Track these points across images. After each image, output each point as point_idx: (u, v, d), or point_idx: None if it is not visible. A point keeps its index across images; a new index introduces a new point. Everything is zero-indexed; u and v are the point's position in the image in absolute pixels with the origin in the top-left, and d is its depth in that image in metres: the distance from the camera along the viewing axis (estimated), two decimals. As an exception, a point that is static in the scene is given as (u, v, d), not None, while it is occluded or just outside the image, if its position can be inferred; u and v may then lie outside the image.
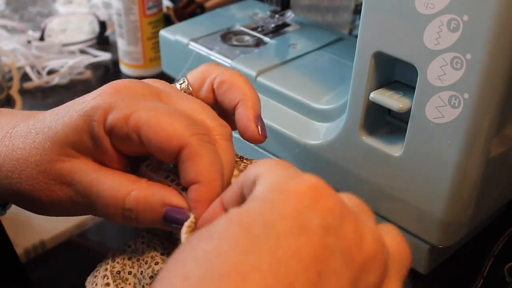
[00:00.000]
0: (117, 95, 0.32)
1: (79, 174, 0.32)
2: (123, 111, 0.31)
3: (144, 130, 0.30)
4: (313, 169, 0.48)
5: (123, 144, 0.32)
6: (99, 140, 0.31)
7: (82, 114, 0.32)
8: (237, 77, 0.37)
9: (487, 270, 0.44)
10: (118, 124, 0.31)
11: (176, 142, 0.30)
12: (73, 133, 0.32)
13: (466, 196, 0.39)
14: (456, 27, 0.34)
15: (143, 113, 0.31)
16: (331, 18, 0.74)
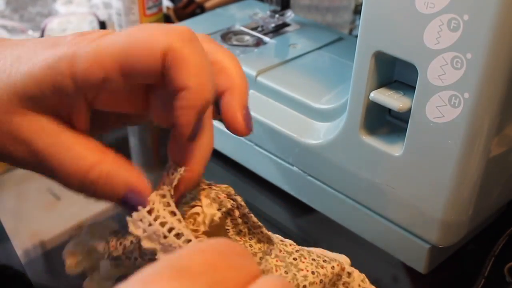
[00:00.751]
0: (81, 37, 0.28)
1: (38, 134, 0.29)
2: (90, 55, 0.27)
3: (123, 58, 0.27)
4: (313, 169, 0.48)
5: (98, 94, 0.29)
6: (66, 97, 0.28)
7: (44, 66, 0.28)
8: (228, 60, 0.33)
9: (488, 270, 0.44)
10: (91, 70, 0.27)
11: (158, 49, 0.27)
12: (33, 86, 0.28)
13: (466, 196, 0.39)
14: (456, 26, 0.34)
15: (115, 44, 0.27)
16: (331, 18, 0.74)
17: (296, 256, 0.33)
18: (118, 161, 0.30)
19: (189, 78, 0.27)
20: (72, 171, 0.29)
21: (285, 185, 0.51)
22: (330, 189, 0.47)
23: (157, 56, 0.27)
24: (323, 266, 0.33)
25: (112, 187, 0.29)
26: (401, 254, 0.44)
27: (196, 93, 0.27)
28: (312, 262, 0.33)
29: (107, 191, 0.29)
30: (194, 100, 0.28)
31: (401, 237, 0.43)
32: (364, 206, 0.45)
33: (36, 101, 0.29)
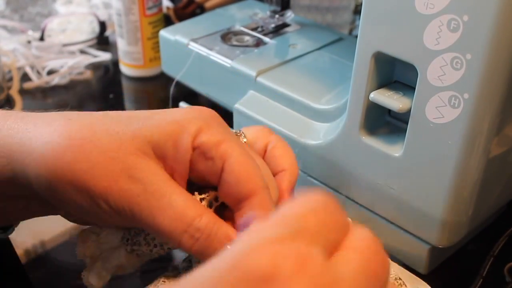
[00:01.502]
0: (211, 119, 0.33)
1: (153, 176, 0.31)
2: (217, 136, 0.32)
3: (230, 161, 0.31)
4: (313, 169, 0.48)
5: (202, 165, 0.32)
6: (183, 152, 0.32)
7: (174, 120, 0.32)
8: (287, 149, 0.38)
9: (487, 270, 0.44)
10: (209, 145, 0.32)
11: (252, 187, 0.31)
12: (159, 136, 0.32)
13: (466, 196, 0.39)
14: (456, 27, 0.34)
15: (235, 146, 0.32)
16: (331, 18, 0.74)
17: None
18: (218, 217, 0.32)
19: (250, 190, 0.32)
20: (179, 215, 0.31)
21: (285, 185, 0.51)
22: (330, 189, 0.47)
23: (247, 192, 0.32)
24: None
25: (216, 238, 0.31)
26: (401, 254, 0.44)
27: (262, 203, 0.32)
28: None
29: (211, 242, 0.31)
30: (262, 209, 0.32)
31: (401, 238, 0.43)
32: (364, 206, 0.45)
33: (157, 147, 0.32)
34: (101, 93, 0.71)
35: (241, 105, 0.52)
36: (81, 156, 0.31)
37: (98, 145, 0.31)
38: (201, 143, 0.32)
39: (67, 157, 0.31)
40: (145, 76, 0.72)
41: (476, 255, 0.46)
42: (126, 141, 0.31)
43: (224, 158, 0.32)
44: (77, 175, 0.30)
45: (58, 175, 0.31)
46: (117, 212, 0.31)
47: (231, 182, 0.31)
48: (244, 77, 0.52)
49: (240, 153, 0.32)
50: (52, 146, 0.31)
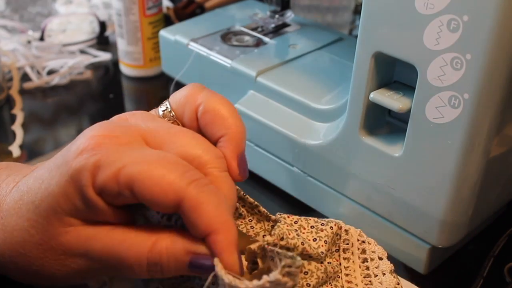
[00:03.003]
0: (99, 150, 0.30)
1: (89, 242, 0.30)
2: (110, 169, 0.29)
3: (136, 186, 0.28)
4: (313, 169, 0.48)
5: (117, 201, 0.30)
6: (92, 203, 0.29)
7: (68, 179, 0.30)
8: (222, 107, 0.34)
9: (487, 270, 0.44)
10: (108, 184, 0.29)
11: (172, 196, 0.28)
12: (65, 201, 0.30)
13: (466, 196, 0.39)
14: (456, 27, 0.34)
15: (132, 168, 0.29)
16: (331, 18, 0.74)
17: (296, 228, 0.36)
18: (170, 233, 0.30)
19: (212, 223, 0.29)
20: (134, 259, 0.30)
21: (285, 185, 0.51)
22: (330, 189, 0.47)
23: (173, 202, 0.29)
24: (322, 229, 0.36)
25: (175, 258, 0.30)
26: (401, 254, 0.44)
27: (223, 235, 0.29)
28: (311, 230, 0.36)
29: (172, 263, 0.30)
30: (225, 241, 0.29)
31: (401, 238, 0.43)
32: (364, 206, 0.45)
33: (72, 213, 0.30)
34: (101, 93, 0.71)
35: (241, 105, 0.52)
36: (28, 259, 0.31)
37: (33, 243, 0.31)
38: (99, 187, 0.29)
39: (20, 263, 0.32)
40: (145, 76, 0.72)
41: (476, 255, 0.46)
42: (48, 227, 0.30)
43: (129, 186, 0.29)
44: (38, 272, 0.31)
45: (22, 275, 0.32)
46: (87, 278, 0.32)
47: (151, 204, 0.29)
48: (244, 77, 0.52)
49: (140, 171, 0.28)
50: (5, 258, 0.32)
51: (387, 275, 0.36)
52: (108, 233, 0.30)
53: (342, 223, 0.37)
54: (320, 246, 0.35)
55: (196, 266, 0.29)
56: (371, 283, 0.36)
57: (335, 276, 0.36)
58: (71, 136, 0.63)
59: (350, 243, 0.37)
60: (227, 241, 0.29)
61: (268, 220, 0.35)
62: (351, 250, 0.37)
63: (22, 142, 0.61)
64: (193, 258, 0.29)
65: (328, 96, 0.48)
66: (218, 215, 0.29)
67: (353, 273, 0.36)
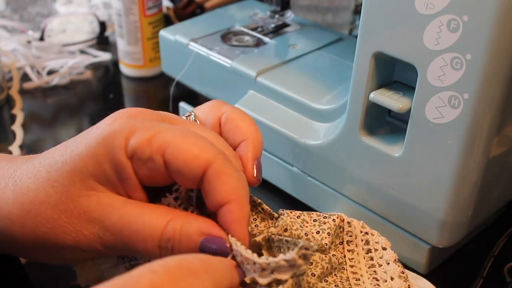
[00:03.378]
0: (134, 119, 0.31)
1: (108, 210, 0.30)
2: (145, 133, 0.30)
3: (169, 150, 0.30)
4: (313, 169, 0.48)
5: (146, 169, 0.30)
6: (122, 168, 0.30)
7: (100, 141, 0.30)
8: (244, 117, 0.36)
9: (487, 270, 0.44)
10: (142, 146, 0.30)
11: (202, 161, 0.29)
12: (93, 164, 0.30)
13: (466, 196, 0.39)
14: (456, 27, 0.34)
15: (167, 133, 0.30)
16: (331, 18, 0.74)
17: (299, 222, 0.36)
18: (187, 214, 0.31)
19: (232, 193, 0.30)
20: (147, 235, 0.30)
21: (285, 185, 0.51)
22: (330, 189, 0.47)
23: (201, 168, 0.30)
24: (324, 222, 0.36)
25: (188, 237, 0.30)
26: (401, 254, 0.44)
27: (239, 207, 0.30)
28: (314, 223, 0.36)
29: (183, 243, 0.30)
30: (239, 213, 0.30)
31: (401, 237, 0.43)
32: (364, 206, 0.45)
33: (97, 177, 0.30)
34: (101, 93, 0.71)
35: (241, 105, 0.52)
36: (39, 219, 0.31)
37: (48, 202, 0.31)
38: (133, 149, 0.30)
39: (28, 225, 0.31)
40: (145, 76, 0.72)
41: (476, 255, 0.46)
42: (69, 187, 0.31)
43: (161, 150, 0.30)
44: (44, 238, 0.31)
45: (28, 242, 0.32)
46: (95, 252, 0.32)
47: (180, 168, 0.30)
48: (244, 77, 0.52)
49: (174, 137, 0.30)
50: (12, 218, 0.32)
51: (391, 264, 0.36)
52: (127, 205, 0.31)
53: (344, 216, 0.38)
54: (324, 238, 0.35)
55: (206, 249, 0.30)
56: (375, 273, 0.36)
57: (340, 268, 0.36)
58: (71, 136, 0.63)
59: (354, 235, 0.37)
60: (241, 214, 0.30)
61: (271, 218, 0.35)
62: (355, 242, 0.37)
63: (22, 142, 0.61)
64: (205, 239, 0.30)
65: (328, 96, 0.48)
66: (238, 188, 0.30)
67: (357, 264, 0.36)
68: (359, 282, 0.35)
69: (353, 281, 0.35)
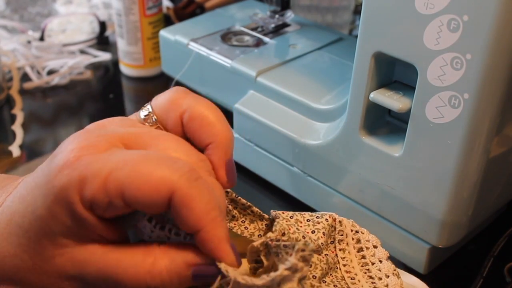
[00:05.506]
0: (80, 163, 0.28)
1: (84, 265, 0.29)
2: (96, 180, 0.28)
3: (127, 190, 0.27)
4: (313, 169, 0.48)
5: (108, 213, 0.28)
6: (83, 219, 0.28)
7: (54, 200, 0.28)
8: (209, 113, 0.33)
9: (487, 270, 0.44)
10: (97, 195, 0.28)
11: (164, 190, 0.27)
12: (55, 223, 0.29)
13: (466, 196, 0.39)
14: (456, 27, 0.34)
15: (118, 172, 0.27)
16: (331, 18, 0.74)
17: (293, 222, 0.36)
18: (166, 249, 0.30)
19: (202, 219, 0.28)
20: (133, 282, 0.29)
21: (285, 185, 0.51)
22: (330, 189, 0.47)
23: (165, 198, 0.28)
24: (318, 222, 0.36)
25: (177, 274, 0.29)
26: (401, 254, 0.44)
27: (212, 232, 0.28)
28: (308, 223, 0.36)
29: (176, 281, 0.29)
30: (216, 238, 0.28)
31: (401, 237, 0.43)
32: (364, 206, 0.45)
33: (63, 233, 0.29)
34: (101, 93, 0.71)
35: (241, 105, 0.52)
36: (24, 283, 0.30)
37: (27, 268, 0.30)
38: (89, 201, 0.28)
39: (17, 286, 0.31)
40: (145, 76, 0.72)
41: (476, 255, 0.46)
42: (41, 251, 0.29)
43: (119, 194, 0.28)
44: None
45: None
46: None
47: (143, 206, 0.28)
48: (244, 77, 0.52)
49: (129, 173, 0.27)
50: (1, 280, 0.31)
51: (384, 262, 0.36)
52: (103, 256, 0.29)
53: (335, 215, 0.37)
54: (319, 237, 0.35)
55: (200, 276, 0.29)
56: (369, 271, 0.36)
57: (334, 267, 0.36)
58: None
59: (345, 234, 0.37)
60: (217, 238, 0.28)
61: (261, 220, 0.35)
62: (346, 241, 0.37)
63: (22, 142, 0.61)
64: (195, 270, 0.29)
65: (328, 96, 0.48)
66: (207, 211, 0.28)
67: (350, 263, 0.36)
68: (354, 281, 0.35)
69: (348, 280, 0.35)
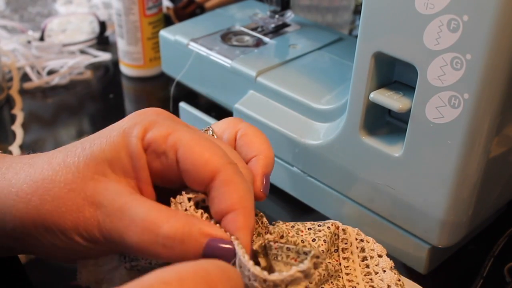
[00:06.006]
0: (157, 115, 0.33)
1: (113, 196, 0.31)
2: (163, 129, 0.31)
3: (182, 149, 0.31)
4: (313, 169, 0.48)
5: (159, 163, 0.31)
6: (136, 157, 0.31)
7: (121, 131, 0.32)
8: (258, 134, 0.37)
9: (487, 270, 0.44)
10: (157, 140, 0.31)
11: (212, 167, 0.30)
12: (110, 150, 0.31)
13: (466, 196, 0.39)
14: (456, 27, 0.34)
15: (184, 134, 0.31)
16: (331, 18, 0.74)
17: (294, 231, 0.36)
18: (189, 216, 0.30)
19: (239, 202, 0.30)
20: (145, 228, 0.29)
21: (285, 185, 0.51)
22: (330, 189, 0.47)
23: (209, 173, 0.30)
24: (320, 230, 0.36)
25: (190, 237, 0.29)
26: (401, 254, 0.44)
27: (244, 216, 0.30)
28: (309, 232, 0.36)
29: (186, 243, 0.29)
30: (245, 222, 0.30)
31: (401, 238, 0.43)
32: (364, 206, 0.45)
33: (112, 163, 0.31)
34: (101, 93, 0.71)
35: (241, 105, 0.52)
36: (45, 196, 0.31)
37: (59, 181, 0.32)
38: (149, 141, 0.31)
39: (34, 202, 0.32)
40: (145, 76, 0.72)
41: (476, 255, 0.46)
42: (82, 169, 0.31)
43: (175, 148, 0.31)
44: (46, 217, 0.31)
45: (30, 220, 0.32)
46: (92, 242, 0.32)
47: (189, 169, 0.30)
48: (244, 77, 0.52)
49: (190, 138, 0.31)
50: (20, 195, 0.32)
51: (387, 272, 0.36)
52: (132, 195, 0.31)
53: (339, 223, 0.37)
54: (320, 245, 0.35)
55: (212, 248, 0.29)
56: (372, 281, 0.36)
57: (336, 276, 0.36)
58: (71, 136, 0.63)
59: (349, 243, 0.37)
60: (246, 223, 0.30)
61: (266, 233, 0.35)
62: (350, 250, 0.37)
63: (22, 142, 0.61)
64: (210, 241, 0.29)
65: (328, 96, 0.48)
66: (246, 198, 0.30)
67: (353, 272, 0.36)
68: None
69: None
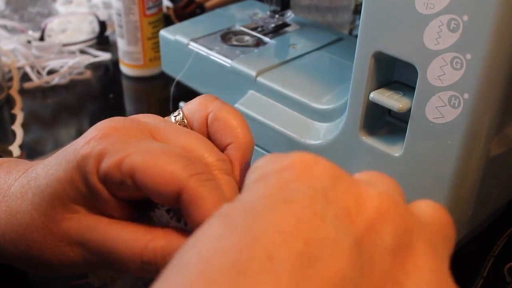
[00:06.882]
0: (106, 139, 0.30)
1: (89, 232, 0.31)
2: (114, 157, 0.29)
3: (138, 174, 0.29)
4: (313, 169, 0.48)
5: (120, 191, 0.30)
6: (96, 191, 0.30)
7: (75, 165, 0.30)
8: (232, 116, 0.35)
9: (487, 270, 0.44)
10: (111, 171, 0.29)
11: (173, 186, 0.28)
12: (71, 188, 0.30)
13: (466, 196, 0.39)
14: (456, 27, 0.34)
15: (136, 157, 0.29)
16: (331, 18, 0.74)
17: None
18: (167, 232, 0.30)
19: (208, 216, 0.28)
20: (127, 257, 0.30)
21: (285, 185, 0.51)
22: (330, 189, 0.47)
23: (173, 193, 0.29)
24: None
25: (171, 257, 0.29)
26: (401, 254, 0.44)
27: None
28: None
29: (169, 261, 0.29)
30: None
31: (401, 237, 0.43)
32: (364, 206, 0.45)
33: (76, 200, 0.31)
34: (101, 93, 0.71)
35: (241, 105, 0.52)
36: (29, 242, 0.32)
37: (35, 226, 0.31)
38: (104, 174, 0.29)
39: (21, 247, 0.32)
40: (145, 76, 0.72)
41: (476, 255, 0.46)
42: (51, 211, 0.31)
43: (131, 174, 0.29)
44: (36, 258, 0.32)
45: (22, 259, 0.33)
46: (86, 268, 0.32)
47: (151, 192, 0.29)
48: (244, 77, 0.52)
49: (143, 160, 0.29)
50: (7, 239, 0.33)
51: None
52: (107, 226, 0.31)
53: None
54: None
55: None
56: None
57: None
58: (71, 136, 0.63)
59: None
60: None
61: None
62: None
63: (22, 142, 0.61)
64: None
65: (328, 96, 0.48)
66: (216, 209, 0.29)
67: None
68: None
69: None
